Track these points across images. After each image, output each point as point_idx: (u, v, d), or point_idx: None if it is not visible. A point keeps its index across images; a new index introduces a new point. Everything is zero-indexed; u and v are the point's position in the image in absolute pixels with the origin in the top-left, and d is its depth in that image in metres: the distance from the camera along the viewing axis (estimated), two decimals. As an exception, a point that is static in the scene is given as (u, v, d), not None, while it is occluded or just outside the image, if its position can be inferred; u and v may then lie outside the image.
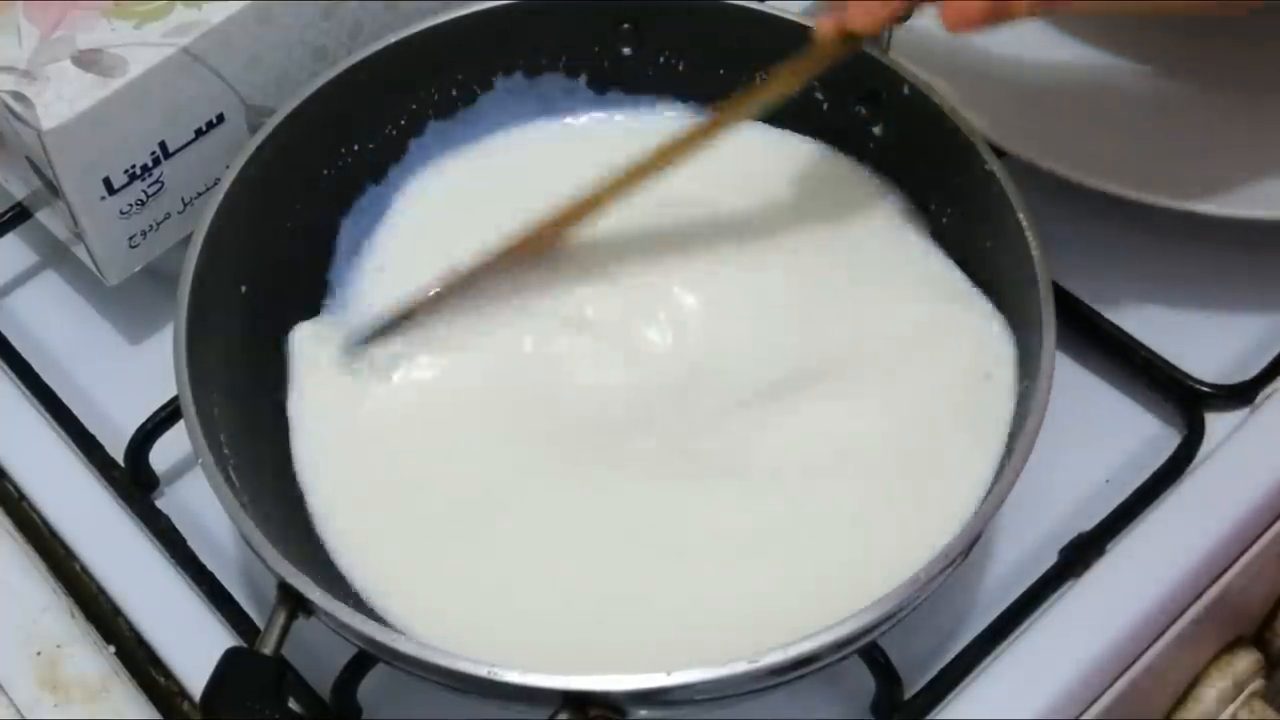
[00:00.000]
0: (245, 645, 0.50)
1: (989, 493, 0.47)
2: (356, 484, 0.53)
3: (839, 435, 0.52)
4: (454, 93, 0.60)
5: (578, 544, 0.51)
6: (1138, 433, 0.57)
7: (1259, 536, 0.56)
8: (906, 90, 0.56)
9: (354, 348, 0.55)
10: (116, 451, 0.57)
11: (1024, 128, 0.60)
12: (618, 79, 0.61)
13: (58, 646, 0.54)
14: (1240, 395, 0.57)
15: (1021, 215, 0.51)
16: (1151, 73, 0.65)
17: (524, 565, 0.51)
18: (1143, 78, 0.65)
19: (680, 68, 0.61)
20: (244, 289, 0.55)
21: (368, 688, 0.50)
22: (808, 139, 0.60)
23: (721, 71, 0.60)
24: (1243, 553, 0.55)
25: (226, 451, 0.49)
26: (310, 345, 0.55)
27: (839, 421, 0.53)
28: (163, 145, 0.57)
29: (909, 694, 0.50)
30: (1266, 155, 0.61)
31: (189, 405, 0.49)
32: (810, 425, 0.53)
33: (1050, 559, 0.53)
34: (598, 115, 0.62)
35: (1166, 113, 0.63)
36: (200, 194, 0.60)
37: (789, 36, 0.58)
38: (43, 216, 0.61)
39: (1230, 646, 0.60)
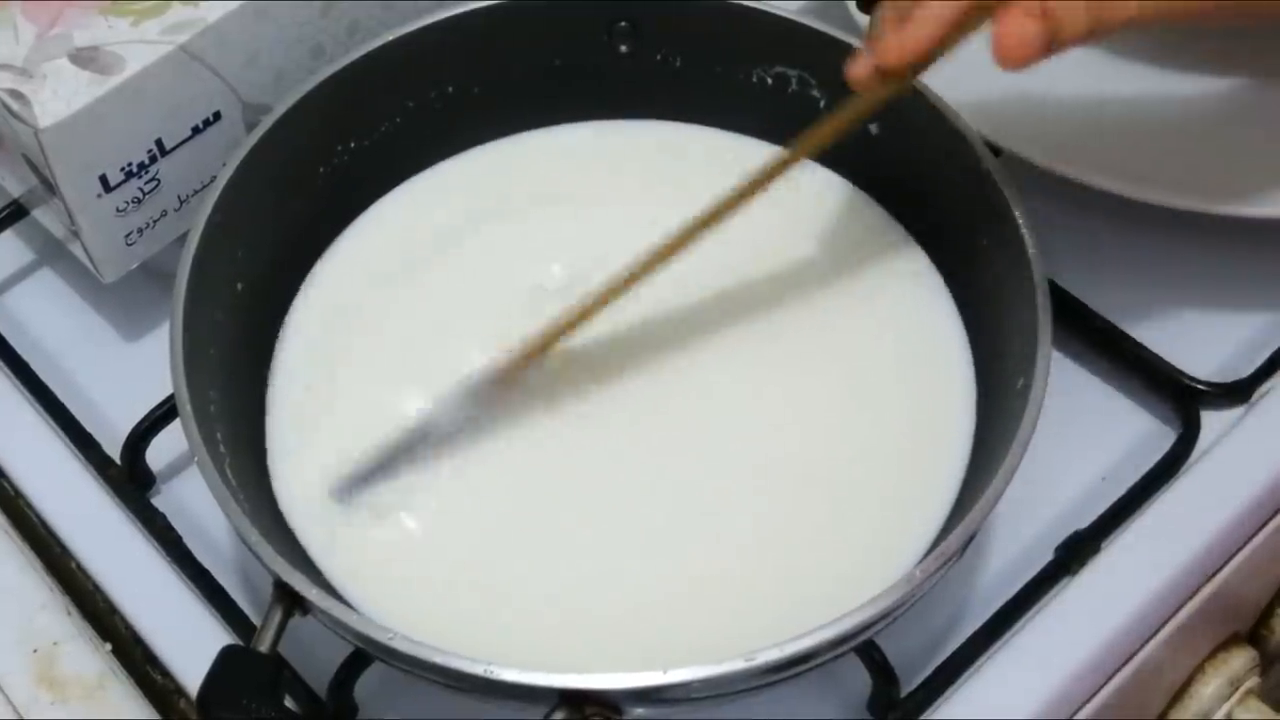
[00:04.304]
0: (242, 643, 0.50)
1: (987, 491, 0.47)
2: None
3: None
4: (451, 90, 0.60)
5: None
6: (1133, 430, 0.57)
7: (1255, 533, 0.56)
8: (903, 88, 0.56)
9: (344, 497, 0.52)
10: (113, 449, 0.57)
11: (1020, 126, 0.60)
12: (613, 84, 0.61)
13: (54, 644, 0.54)
14: (1236, 393, 0.57)
15: (1018, 213, 0.51)
16: (1150, 72, 0.65)
17: (514, 573, 0.51)
18: (1141, 76, 0.65)
19: (677, 65, 0.61)
20: (240, 286, 0.55)
21: (364, 686, 0.50)
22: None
23: (718, 70, 0.60)
24: (1238, 550, 0.56)
25: (223, 449, 0.49)
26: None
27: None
28: (159, 143, 0.57)
29: (905, 691, 0.50)
30: (1265, 154, 0.61)
31: (185, 403, 0.49)
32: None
33: (1046, 557, 0.53)
34: (589, 125, 0.62)
35: (1164, 111, 0.63)
36: (197, 191, 0.60)
37: (787, 35, 0.58)
38: (39, 214, 0.61)
39: (1226, 644, 0.60)
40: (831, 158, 0.60)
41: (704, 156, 0.61)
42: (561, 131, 0.62)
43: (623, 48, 0.61)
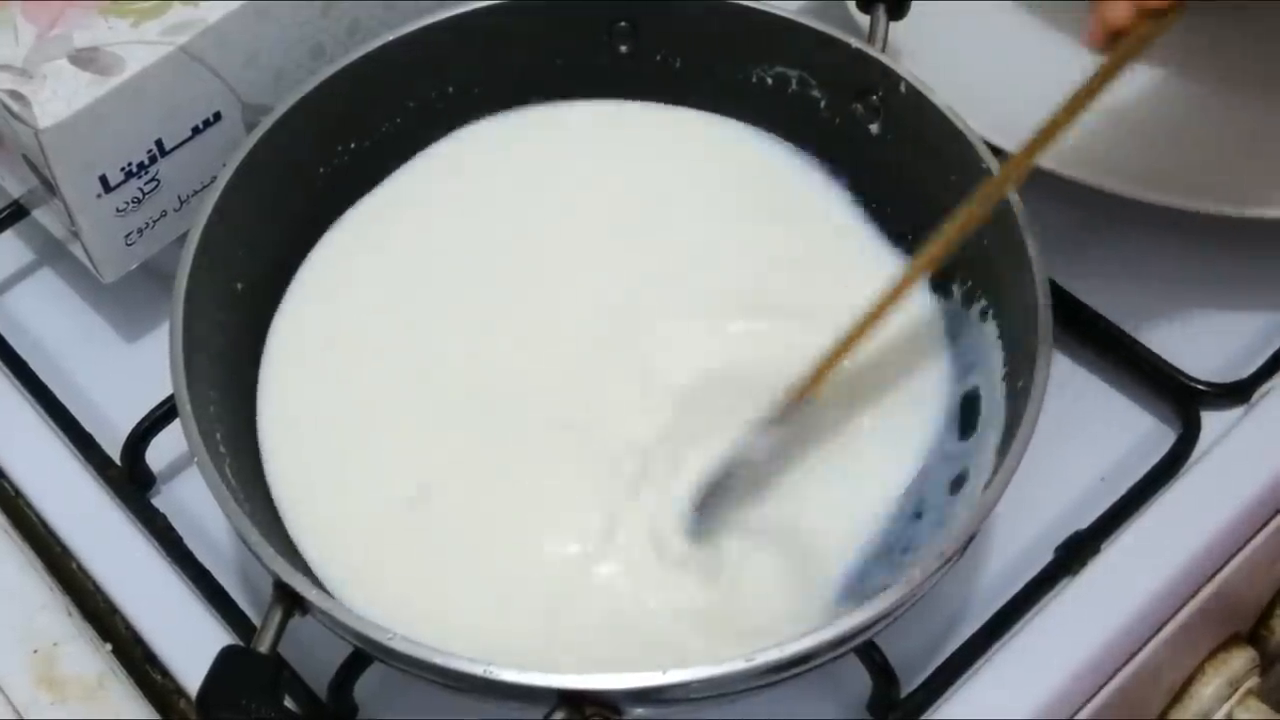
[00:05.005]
0: (242, 644, 0.50)
1: (985, 490, 0.47)
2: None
3: None
4: (451, 90, 0.60)
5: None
6: (1134, 431, 0.57)
7: (1254, 534, 0.56)
8: (904, 89, 0.56)
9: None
10: (113, 450, 0.57)
11: (1021, 127, 0.59)
12: (614, 84, 0.61)
13: (54, 645, 0.54)
14: (1236, 393, 0.57)
15: (1018, 213, 0.51)
16: (1150, 72, 0.65)
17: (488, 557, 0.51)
18: (1141, 77, 0.65)
19: (677, 65, 0.61)
20: (240, 287, 0.55)
21: (364, 686, 0.50)
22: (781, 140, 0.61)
23: (718, 69, 0.60)
24: (1238, 550, 0.56)
25: (223, 449, 0.49)
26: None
27: None
28: (159, 143, 0.57)
29: (905, 692, 0.50)
30: (1265, 154, 0.61)
31: (185, 403, 0.49)
32: None
33: (1046, 557, 0.53)
34: (592, 107, 0.62)
35: (1165, 111, 0.63)
36: (197, 192, 0.60)
37: (787, 34, 0.58)
38: (39, 214, 0.61)
39: (1226, 644, 0.60)
40: (832, 157, 0.60)
41: (707, 150, 0.61)
42: (562, 109, 0.62)
43: (623, 48, 0.61)
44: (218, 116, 0.59)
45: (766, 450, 0.51)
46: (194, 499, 0.56)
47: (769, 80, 0.60)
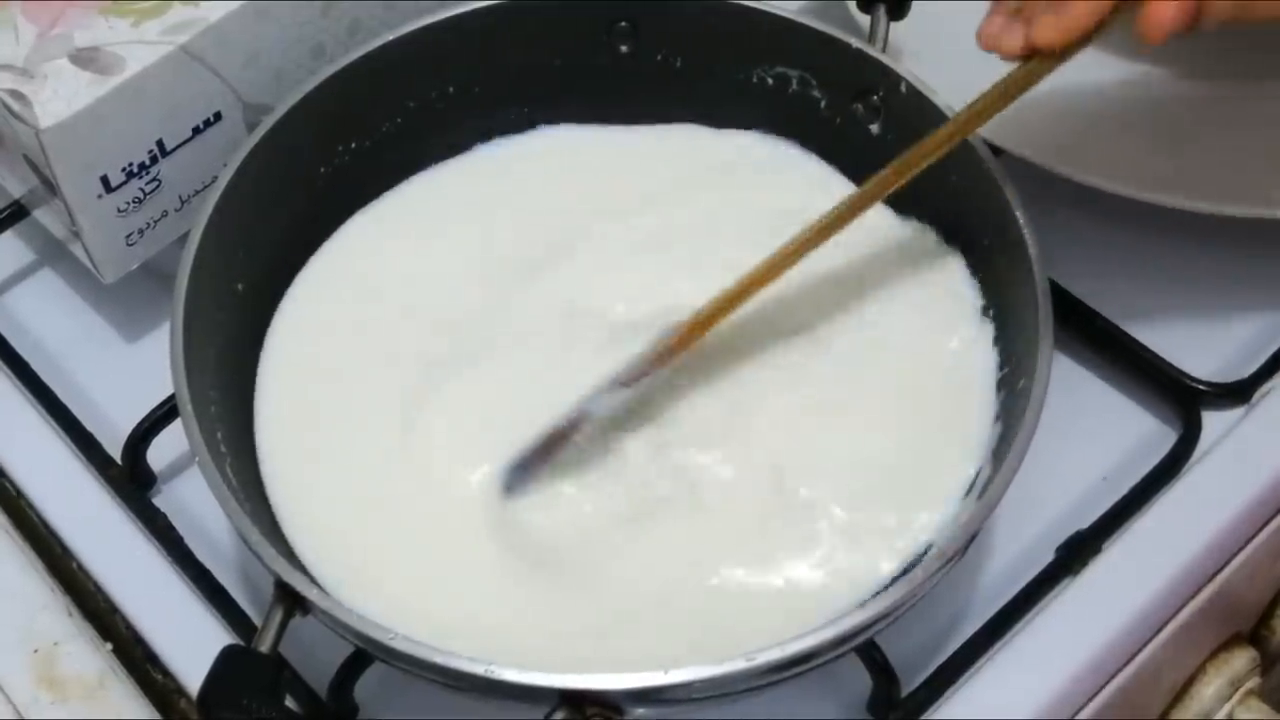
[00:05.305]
0: (243, 643, 0.50)
1: (986, 490, 0.47)
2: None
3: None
4: (451, 90, 0.60)
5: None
6: (1135, 431, 0.57)
7: (1255, 534, 0.56)
8: (904, 89, 0.56)
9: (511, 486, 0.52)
10: (114, 449, 0.57)
11: (1022, 126, 0.60)
12: (614, 85, 0.61)
13: (55, 644, 0.54)
14: (1237, 393, 0.57)
15: (1019, 213, 0.51)
16: (1150, 72, 0.65)
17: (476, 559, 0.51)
18: (1141, 77, 0.65)
19: (678, 65, 0.61)
20: (240, 286, 0.55)
21: (365, 686, 0.50)
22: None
23: (719, 70, 0.60)
24: (1239, 550, 0.56)
25: (224, 449, 0.49)
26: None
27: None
28: (160, 143, 0.57)
29: (906, 691, 0.50)
30: (1265, 154, 0.61)
31: (186, 403, 0.49)
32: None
33: (1047, 557, 0.53)
34: (590, 128, 0.62)
35: (1165, 111, 0.63)
36: (198, 192, 0.60)
37: (787, 35, 0.58)
38: (40, 214, 0.61)
39: (1227, 644, 0.60)
40: (832, 159, 0.60)
41: (707, 160, 0.61)
42: (563, 132, 0.62)
43: (623, 48, 0.61)
44: (218, 116, 0.59)
45: (609, 409, 0.52)
46: (195, 499, 0.56)
47: (769, 80, 0.60)
